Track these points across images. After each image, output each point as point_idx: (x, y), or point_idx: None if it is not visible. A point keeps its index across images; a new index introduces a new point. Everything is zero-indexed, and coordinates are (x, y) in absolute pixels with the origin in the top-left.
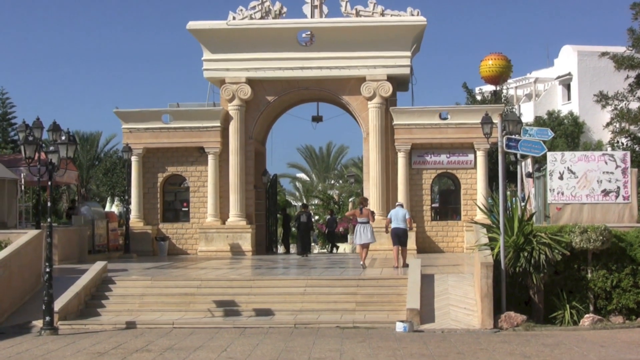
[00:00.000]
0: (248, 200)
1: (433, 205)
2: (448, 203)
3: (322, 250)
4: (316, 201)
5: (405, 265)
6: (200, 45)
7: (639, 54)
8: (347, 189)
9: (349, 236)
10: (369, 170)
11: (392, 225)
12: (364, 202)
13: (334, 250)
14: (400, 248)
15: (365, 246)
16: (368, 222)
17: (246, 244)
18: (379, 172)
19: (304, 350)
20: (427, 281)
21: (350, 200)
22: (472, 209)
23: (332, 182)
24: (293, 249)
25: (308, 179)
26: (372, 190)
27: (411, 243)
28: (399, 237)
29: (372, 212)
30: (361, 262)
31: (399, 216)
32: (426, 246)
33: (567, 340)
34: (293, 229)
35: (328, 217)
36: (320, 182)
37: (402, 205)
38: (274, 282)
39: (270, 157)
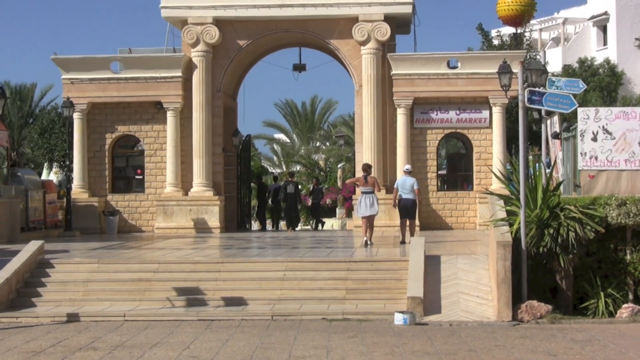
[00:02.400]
0: (216, 166)
1: (439, 172)
2: (457, 170)
3: (305, 227)
4: (298, 167)
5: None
6: None
7: None
8: (335, 153)
9: (337, 210)
10: (362, 130)
11: (400, 197)
12: (368, 169)
13: (320, 227)
14: (405, 222)
15: (369, 220)
16: (373, 192)
17: (213, 219)
18: (373, 133)
19: (284, 348)
20: (432, 264)
21: (339, 166)
22: (487, 177)
23: (318, 144)
24: (270, 225)
25: (288, 140)
26: (365, 154)
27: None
28: (407, 210)
29: (377, 181)
30: (364, 239)
31: (406, 185)
32: (431, 222)
33: (601, 335)
34: (270, 201)
35: (312, 186)
36: (303, 145)
37: (410, 172)
38: (247, 264)
39: (243, 115)
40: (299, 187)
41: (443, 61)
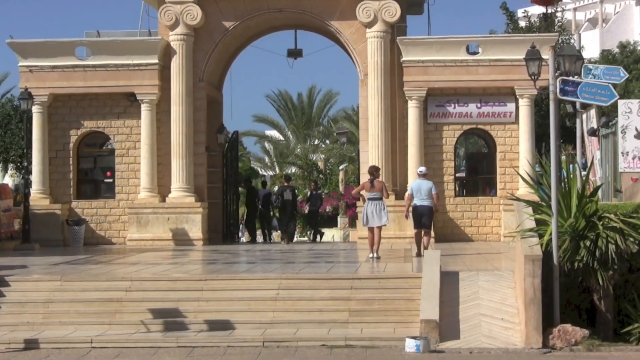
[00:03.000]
0: (198, 167)
1: (458, 175)
2: (479, 172)
3: (302, 238)
4: (293, 169)
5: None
6: None
7: None
8: (336, 153)
9: (339, 219)
10: (367, 126)
11: (415, 202)
12: (375, 172)
13: (318, 238)
14: (420, 232)
15: (377, 230)
16: (380, 199)
17: (195, 230)
18: (381, 129)
19: None
20: (449, 281)
21: (341, 168)
22: (513, 180)
23: (316, 142)
24: (261, 236)
25: (282, 138)
26: (371, 154)
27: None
28: (422, 217)
29: (385, 186)
30: (370, 255)
31: (422, 190)
32: (448, 232)
33: None
34: (263, 208)
35: (310, 191)
36: (299, 143)
37: (425, 175)
38: (234, 282)
39: (230, 108)
40: (296, 192)
41: (461, 46)
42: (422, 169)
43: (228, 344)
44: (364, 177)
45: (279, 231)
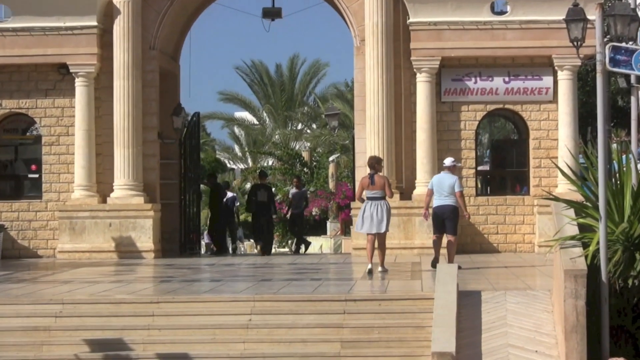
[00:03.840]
0: (148, 159)
1: (480, 168)
2: (506, 164)
3: (282, 250)
4: (270, 162)
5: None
6: None
7: None
8: (325, 140)
9: (328, 224)
10: (364, 105)
11: (435, 202)
12: (377, 165)
13: (302, 249)
14: (443, 237)
15: (378, 238)
16: (383, 198)
17: (145, 239)
18: (382, 110)
19: None
20: (469, 304)
21: (331, 160)
22: (550, 175)
23: (300, 127)
24: (231, 246)
25: (256, 121)
26: (370, 141)
27: None
28: (444, 220)
29: (389, 182)
30: (368, 266)
31: (443, 186)
32: (467, 241)
33: None
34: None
35: (292, 189)
36: (277, 128)
37: (450, 168)
38: (194, 305)
39: (189, 84)
40: (273, 191)
41: (485, 4)
42: (449, 160)
43: None
44: (361, 172)
45: (251, 241)
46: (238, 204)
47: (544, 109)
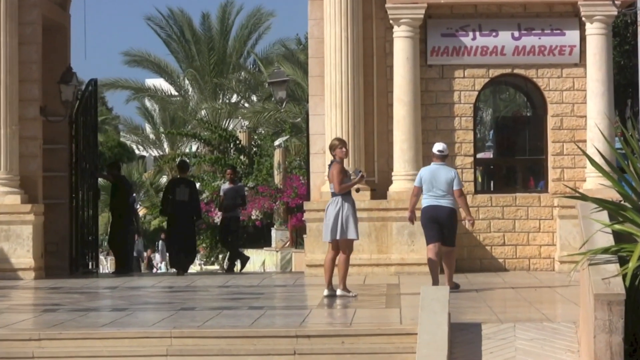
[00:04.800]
0: (26, 144)
1: (480, 155)
2: (516, 150)
3: (210, 267)
4: (194, 147)
5: (455, 287)
6: None
7: None
8: (269, 117)
9: (273, 232)
10: (322, 70)
11: (425, 201)
12: (340, 147)
13: (237, 266)
14: (441, 248)
15: (343, 246)
16: (349, 195)
17: (22, 252)
18: (346, 75)
19: None
20: (465, 340)
21: (277, 144)
22: (576, 165)
23: (234, 99)
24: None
25: (175, 91)
26: (331, 119)
27: None
28: (440, 226)
29: (357, 171)
30: (325, 291)
31: (438, 181)
32: (464, 255)
33: None
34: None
35: (224, 184)
36: (204, 100)
37: (445, 157)
38: (89, 344)
39: (83, 41)
40: (198, 187)
41: None
42: (441, 146)
43: None
44: (317, 159)
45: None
46: (139, 206)
47: (567, 74)
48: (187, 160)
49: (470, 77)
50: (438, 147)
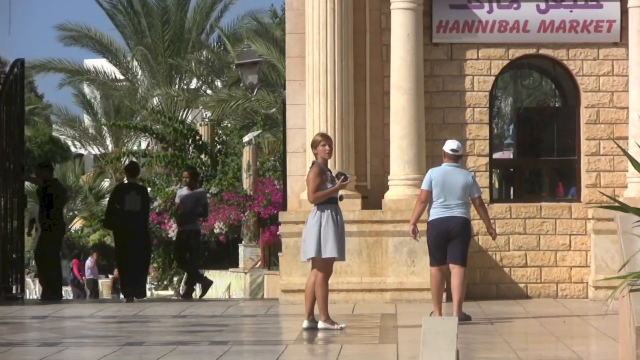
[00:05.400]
0: None
1: (498, 155)
2: (541, 149)
3: (164, 292)
4: (144, 144)
5: (464, 318)
6: None
7: None
8: (237, 108)
9: (241, 250)
10: (303, 49)
11: (433, 212)
12: (322, 144)
13: (197, 291)
14: (446, 269)
15: (320, 265)
16: (335, 203)
17: None
18: (332, 56)
19: None
20: None
21: (246, 141)
22: (615, 169)
23: (194, 84)
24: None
25: (120, 74)
26: (313, 109)
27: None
28: (449, 242)
29: (340, 174)
30: (305, 323)
31: (452, 186)
32: (477, 278)
33: None
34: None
35: (181, 190)
36: (157, 86)
37: (458, 158)
38: None
39: (8, 14)
40: (150, 193)
41: None
42: (455, 144)
43: None
44: (296, 159)
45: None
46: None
47: (604, 56)
48: (137, 161)
49: (485, 58)
50: (451, 145)
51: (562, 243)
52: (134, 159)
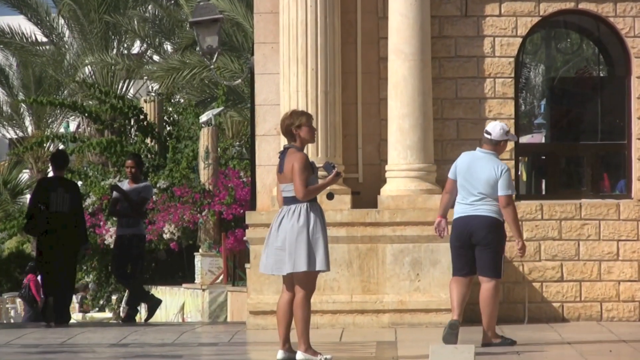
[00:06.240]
0: None
1: (525, 139)
2: (581, 131)
3: (99, 315)
4: (75, 125)
5: (500, 340)
6: None
7: None
8: (192, 78)
9: (198, 260)
10: (277, 3)
11: (456, 208)
12: (306, 124)
13: (142, 312)
14: (471, 281)
15: (301, 280)
16: (314, 200)
17: None
18: (314, 12)
19: None
20: None
21: (203, 120)
22: None
23: (137, 48)
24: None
25: (43, 37)
26: (289, 80)
27: (447, 277)
28: (475, 248)
29: (330, 166)
30: (279, 354)
31: (475, 176)
32: (502, 295)
33: None
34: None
35: (124, 184)
36: (89, 52)
37: (492, 143)
38: None
39: None
40: (79, 191)
41: None
42: (493, 126)
43: None
44: (267, 145)
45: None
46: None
47: None
48: (65, 149)
49: (509, 14)
50: (488, 126)
51: (608, 252)
52: (61, 146)
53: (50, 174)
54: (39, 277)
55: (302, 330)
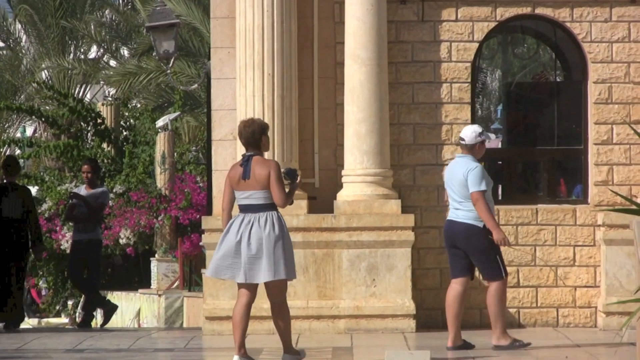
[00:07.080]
0: None
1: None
2: (538, 136)
3: (55, 320)
4: (31, 129)
5: (509, 342)
6: None
7: None
8: (148, 83)
9: (154, 265)
10: (234, 7)
11: (448, 216)
12: (257, 135)
13: (98, 318)
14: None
15: (277, 288)
16: (268, 207)
17: None
18: (270, 17)
19: None
20: None
21: (159, 125)
22: (632, 161)
23: (93, 53)
24: None
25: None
26: (245, 86)
27: (403, 282)
28: (460, 250)
29: (294, 172)
30: (235, 359)
31: (452, 183)
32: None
33: None
34: None
35: (80, 189)
36: (48, 56)
37: (466, 147)
38: None
39: None
40: (35, 194)
41: None
42: (465, 130)
43: None
44: (223, 149)
45: None
46: None
47: (619, 17)
48: (15, 156)
49: (466, 19)
50: (462, 132)
51: (564, 257)
52: (18, 151)
53: (3, 181)
54: None
55: (285, 335)
